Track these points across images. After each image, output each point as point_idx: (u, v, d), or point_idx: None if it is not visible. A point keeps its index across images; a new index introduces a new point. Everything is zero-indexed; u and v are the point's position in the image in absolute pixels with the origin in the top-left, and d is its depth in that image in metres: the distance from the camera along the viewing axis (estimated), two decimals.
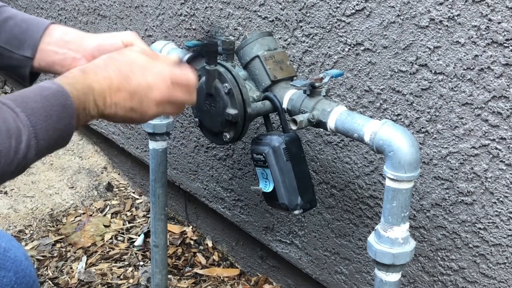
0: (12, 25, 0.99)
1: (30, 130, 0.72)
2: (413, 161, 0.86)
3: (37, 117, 0.73)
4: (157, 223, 1.48)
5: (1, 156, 0.69)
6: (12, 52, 0.99)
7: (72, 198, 2.12)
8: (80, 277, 1.73)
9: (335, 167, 1.32)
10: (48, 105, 0.75)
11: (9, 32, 0.99)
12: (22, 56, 0.98)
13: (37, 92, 0.75)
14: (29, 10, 2.40)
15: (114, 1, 1.86)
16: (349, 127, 0.93)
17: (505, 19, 0.95)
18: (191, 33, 1.58)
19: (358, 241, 1.34)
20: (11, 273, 0.79)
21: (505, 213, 1.05)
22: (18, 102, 0.73)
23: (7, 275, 0.78)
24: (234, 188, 1.64)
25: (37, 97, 0.75)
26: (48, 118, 0.74)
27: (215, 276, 1.76)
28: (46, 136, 0.74)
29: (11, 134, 0.70)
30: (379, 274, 0.93)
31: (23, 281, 0.81)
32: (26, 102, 0.74)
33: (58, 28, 1.01)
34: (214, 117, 1.06)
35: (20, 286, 0.80)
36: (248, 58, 1.07)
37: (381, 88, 1.17)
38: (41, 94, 0.75)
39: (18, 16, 1.01)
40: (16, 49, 0.99)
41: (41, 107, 0.74)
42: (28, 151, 0.72)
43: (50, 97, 0.75)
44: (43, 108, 0.74)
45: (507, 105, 0.99)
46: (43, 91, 0.75)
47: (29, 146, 0.72)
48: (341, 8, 1.18)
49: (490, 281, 1.12)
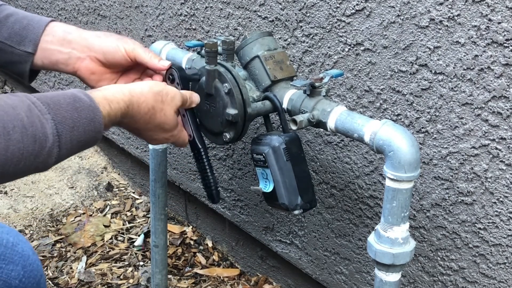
0: (13, 21, 1.01)
1: (55, 139, 0.75)
2: (413, 161, 0.86)
3: (64, 127, 0.76)
4: (157, 223, 1.48)
5: (23, 159, 0.72)
6: (13, 47, 1.00)
7: (72, 198, 2.12)
8: (80, 277, 1.73)
9: (335, 167, 1.32)
10: (77, 117, 0.78)
11: (10, 28, 1.00)
12: (24, 51, 1.00)
13: (70, 101, 0.78)
14: (29, 10, 2.40)
15: (114, 1, 1.86)
16: (349, 127, 0.93)
17: (505, 19, 0.95)
18: (191, 33, 1.58)
19: (358, 241, 1.34)
20: (19, 267, 0.80)
21: (505, 213, 1.05)
22: (50, 108, 0.76)
23: (15, 269, 0.80)
24: (234, 188, 1.64)
25: (69, 107, 0.78)
26: (75, 130, 0.77)
27: (215, 276, 1.76)
28: (69, 145, 0.78)
29: (36, 139, 0.73)
30: (379, 274, 0.93)
31: (31, 275, 0.82)
32: (57, 109, 0.76)
33: (58, 26, 1.02)
34: (214, 117, 1.06)
35: (28, 280, 0.82)
36: (248, 58, 1.07)
37: (381, 88, 1.17)
38: (74, 105, 0.78)
39: (19, 13, 1.03)
40: (17, 44, 1.00)
41: (70, 117, 0.77)
42: (49, 157, 0.75)
43: (81, 109, 0.79)
44: (72, 118, 0.77)
45: (507, 105, 0.99)
46: (76, 102, 0.79)
47: (51, 153, 0.75)
48: (341, 8, 1.18)
49: (490, 281, 1.12)
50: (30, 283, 0.82)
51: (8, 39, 1.00)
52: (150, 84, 0.93)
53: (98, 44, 1.00)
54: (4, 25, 1.00)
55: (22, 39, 1.00)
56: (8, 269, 0.80)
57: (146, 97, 0.91)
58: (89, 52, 1.00)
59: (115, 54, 1.00)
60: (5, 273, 0.79)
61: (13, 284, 0.80)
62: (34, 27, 1.01)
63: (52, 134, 0.75)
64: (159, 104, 0.92)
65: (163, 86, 0.95)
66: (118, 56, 1.01)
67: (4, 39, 1.01)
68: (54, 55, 1.01)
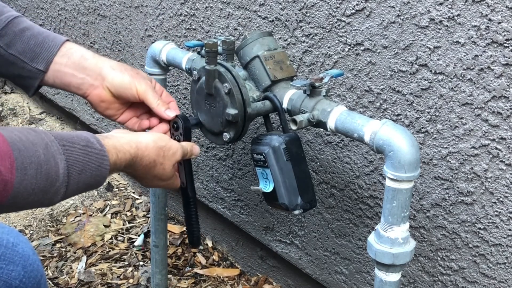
0: (29, 36, 1.03)
1: (64, 179, 0.79)
2: (413, 161, 0.86)
3: (74, 169, 0.80)
4: (157, 223, 1.48)
5: (33, 194, 0.75)
6: (26, 63, 1.02)
7: (72, 198, 2.12)
8: (80, 277, 1.73)
9: (335, 167, 1.32)
10: (88, 161, 0.82)
11: (26, 43, 1.02)
12: (35, 68, 1.02)
13: (83, 145, 0.83)
14: (29, 10, 2.40)
15: (114, 1, 1.86)
16: (349, 127, 0.93)
17: (505, 19, 0.95)
18: (191, 33, 1.58)
19: (358, 241, 1.34)
20: (19, 267, 0.81)
21: (505, 213, 1.05)
22: (65, 149, 0.80)
23: (15, 269, 0.81)
24: (234, 188, 1.64)
25: (81, 150, 0.82)
26: (83, 173, 0.82)
27: (215, 276, 1.76)
28: (75, 187, 0.82)
29: (48, 178, 0.77)
30: (379, 274, 0.93)
31: (31, 275, 0.83)
32: (71, 151, 0.81)
33: (75, 49, 1.05)
34: (214, 117, 1.06)
35: (28, 280, 0.83)
36: (248, 58, 1.07)
37: (381, 88, 1.17)
38: (86, 149, 0.83)
39: (34, 28, 1.05)
40: (30, 60, 1.02)
41: (82, 161, 0.82)
42: (55, 196, 0.79)
43: (91, 154, 0.83)
44: (82, 162, 0.82)
45: (507, 105, 0.99)
46: (88, 146, 0.83)
47: (58, 192, 0.79)
48: (341, 8, 1.18)
49: (490, 281, 1.12)
50: (30, 283, 0.83)
51: (22, 53, 1.02)
52: (155, 138, 0.97)
53: (111, 76, 1.03)
54: (19, 38, 1.02)
55: (35, 56, 1.02)
56: (9, 270, 0.80)
57: (149, 152, 0.95)
58: (102, 81, 1.03)
59: (126, 91, 1.04)
60: (6, 274, 0.80)
61: (13, 284, 0.81)
62: (49, 45, 1.03)
63: (63, 175, 0.79)
64: (160, 158, 0.96)
65: (167, 141, 0.99)
66: (129, 93, 1.04)
67: (18, 53, 1.02)
68: (67, 77, 1.04)
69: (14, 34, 1.02)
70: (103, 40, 2.01)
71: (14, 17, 1.03)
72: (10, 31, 1.02)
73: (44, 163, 0.76)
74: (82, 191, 0.85)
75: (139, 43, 1.82)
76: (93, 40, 2.06)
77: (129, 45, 1.87)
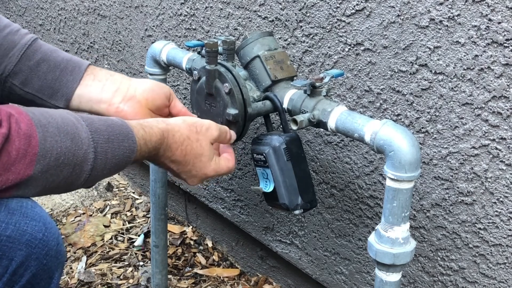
0: (45, 70, 0.99)
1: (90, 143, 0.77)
2: (414, 161, 0.86)
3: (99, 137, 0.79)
4: (157, 223, 1.48)
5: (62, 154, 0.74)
6: (44, 100, 1.00)
7: (72, 198, 2.12)
8: (80, 277, 1.73)
9: (335, 167, 1.32)
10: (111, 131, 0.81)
11: (42, 78, 0.99)
12: (55, 105, 0.99)
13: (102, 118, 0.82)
14: (29, 10, 2.40)
15: (114, 1, 1.86)
16: (349, 127, 0.93)
17: (505, 19, 0.95)
18: (191, 33, 1.58)
19: (358, 241, 1.34)
20: (40, 223, 0.83)
21: (505, 213, 1.05)
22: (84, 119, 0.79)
23: (38, 225, 0.83)
24: (234, 188, 1.64)
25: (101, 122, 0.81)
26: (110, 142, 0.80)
27: (215, 276, 1.76)
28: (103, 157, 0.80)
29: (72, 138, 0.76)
30: (380, 274, 0.93)
31: (51, 231, 0.84)
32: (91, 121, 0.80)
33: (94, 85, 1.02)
34: (214, 117, 1.06)
35: (49, 234, 0.84)
36: (248, 58, 1.07)
37: (381, 88, 1.17)
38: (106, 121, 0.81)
39: (50, 58, 1.01)
40: (48, 98, 1.00)
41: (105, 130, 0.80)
42: (84, 163, 0.78)
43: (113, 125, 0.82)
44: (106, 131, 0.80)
45: (507, 105, 0.99)
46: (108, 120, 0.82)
47: (87, 157, 0.77)
48: (341, 8, 1.18)
49: (490, 281, 1.12)
50: (51, 237, 0.84)
51: (40, 91, 0.99)
52: (183, 117, 0.94)
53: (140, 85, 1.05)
54: (35, 74, 0.98)
55: (54, 93, 0.99)
56: (32, 225, 0.82)
57: (180, 127, 0.90)
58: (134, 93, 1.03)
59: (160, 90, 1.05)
60: (30, 227, 0.81)
61: (38, 237, 0.82)
62: (68, 80, 1.00)
63: (86, 138, 0.77)
64: (194, 134, 0.92)
65: (196, 118, 0.96)
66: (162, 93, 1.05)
67: (35, 91, 0.99)
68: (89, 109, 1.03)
69: (30, 69, 0.98)
70: (103, 40, 2.01)
71: (27, 46, 0.99)
72: (24, 66, 0.98)
73: (63, 124, 0.74)
74: (114, 166, 0.81)
75: (139, 43, 1.82)
76: (93, 40, 2.06)
77: (129, 45, 1.87)
